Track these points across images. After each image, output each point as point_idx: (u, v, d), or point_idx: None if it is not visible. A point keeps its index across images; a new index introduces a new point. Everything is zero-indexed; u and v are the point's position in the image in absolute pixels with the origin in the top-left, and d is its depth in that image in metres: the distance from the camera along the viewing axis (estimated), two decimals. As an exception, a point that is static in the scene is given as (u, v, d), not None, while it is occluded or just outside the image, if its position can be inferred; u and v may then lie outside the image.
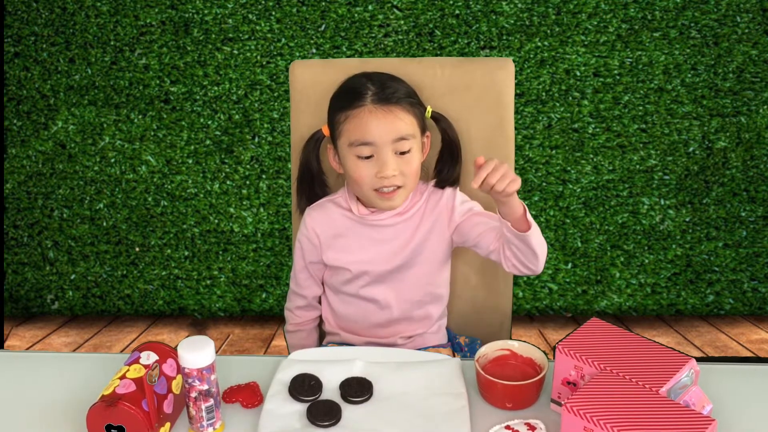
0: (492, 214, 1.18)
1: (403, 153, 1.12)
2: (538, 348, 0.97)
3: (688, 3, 2.29)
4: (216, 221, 2.47)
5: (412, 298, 1.24)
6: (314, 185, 1.26)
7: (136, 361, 0.88)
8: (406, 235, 1.21)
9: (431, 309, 1.26)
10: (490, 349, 1.00)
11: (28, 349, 2.37)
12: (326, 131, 1.20)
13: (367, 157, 1.12)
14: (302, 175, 1.26)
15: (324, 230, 1.23)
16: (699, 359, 0.90)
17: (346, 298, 1.26)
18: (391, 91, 1.12)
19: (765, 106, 2.35)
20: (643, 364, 0.85)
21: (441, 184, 1.23)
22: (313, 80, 1.28)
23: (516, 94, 2.31)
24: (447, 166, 1.23)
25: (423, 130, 1.18)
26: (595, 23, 2.31)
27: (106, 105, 2.41)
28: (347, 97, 1.14)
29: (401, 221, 1.21)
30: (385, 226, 1.21)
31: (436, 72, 1.27)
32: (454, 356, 1.25)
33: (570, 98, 2.35)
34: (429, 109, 1.19)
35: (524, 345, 0.99)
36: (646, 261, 2.45)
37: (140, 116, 2.41)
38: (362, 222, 1.21)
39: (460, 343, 1.32)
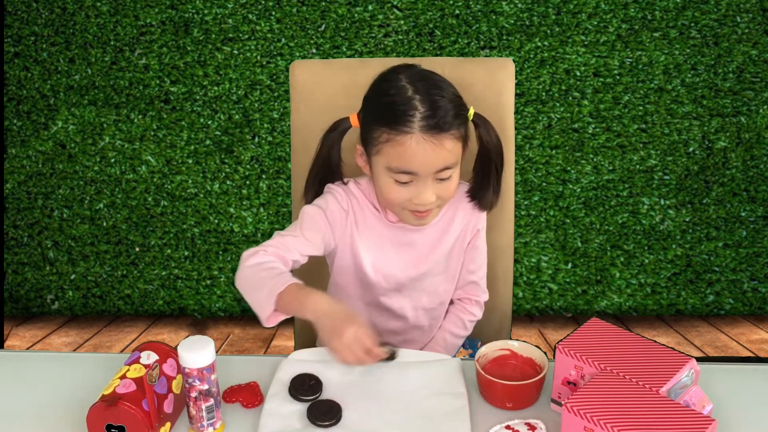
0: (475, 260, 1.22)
1: (442, 179, 1.04)
2: (538, 348, 0.97)
3: (688, 3, 2.29)
4: (216, 221, 2.47)
5: (426, 306, 1.21)
6: (328, 179, 1.15)
7: (137, 360, 0.88)
8: (431, 241, 1.16)
9: (443, 316, 1.25)
10: (490, 349, 1.00)
11: (28, 349, 2.37)
12: (355, 122, 1.09)
13: (405, 182, 1.03)
14: (319, 167, 1.14)
15: (347, 217, 1.13)
16: (699, 359, 0.90)
17: (360, 305, 1.20)
18: (442, 115, 1.00)
19: (765, 106, 2.35)
20: (643, 364, 0.85)
21: (476, 206, 1.15)
22: (313, 80, 1.28)
23: (516, 94, 2.31)
24: (482, 187, 1.13)
25: (466, 145, 1.07)
26: (595, 23, 2.31)
27: (106, 105, 2.41)
28: (392, 115, 1.00)
29: (428, 225, 1.15)
30: (411, 230, 1.15)
31: (436, 72, 1.26)
32: (459, 355, 1.25)
33: (570, 98, 2.35)
34: (471, 111, 1.07)
35: (524, 345, 0.99)
36: (646, 261, 2.45)
37: (140, 116, 2.41)
38: (387, 226, 1.14)
39: (460, 343, 1.31)
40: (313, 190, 1.16)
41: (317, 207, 1.11)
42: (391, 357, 0.97)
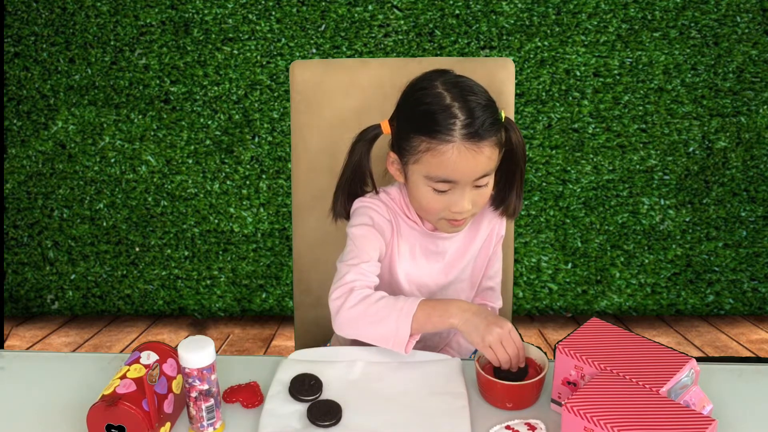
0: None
1: (479, 186, 1.04)
2: (539, 348, 0.97)
3: (688, 3, 2.29)
4: (216, 221, 2.47)
5: None
6: (358, 186, 1.13)
7: (137, 361, 0.88)
8: (460, 248, 1.16)
9: None
10: None
11: (28, 349, 2.37)
12: (387, 129, 1.08)
13: (443, 191, 1.03)
14: (349, 176, 1.12)
15: (392, 228, 1.11)
16: (699, 359, 0.90)
17: None
18: (481, 123, 0.98)
19: (765, 106, 2.35)
20: (643, 364, 0.85)
21: (501, 213, 1.15)
22: (313, 80, 1.28)
23: (516, 94, 2.31)
24: (507, 192, 1.12)
25: (501, 151, 1.05)
26: (595, 23, 2.31)
27: (106, 105, 2.41)
28: (433, 124, 0.99)
29: (458, 233, 1.15)
30: (443, 238, 1.14)
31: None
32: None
33: (570, 98, 2.35)
34: (502, 113, 1.04)
35: (524, 345, 0.99)
36: (646, 261, 2.45)
37: (140, 116, 2.41)
38: (423, 234, 1.14)
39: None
40: (343, 200, 1.14)
41: (365, 225, 1.09)
42: (526, 369, 0.96)
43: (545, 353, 0.97)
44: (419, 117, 1.01)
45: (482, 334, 0.93)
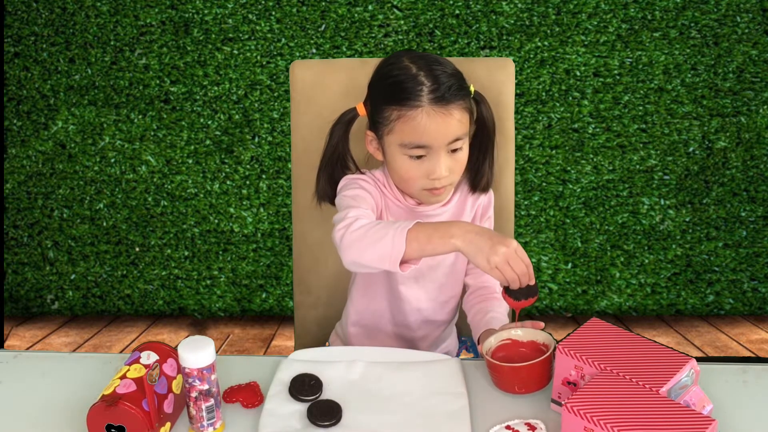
0: None
1: (454, 151, 1.07)
2: (542, 330, 0.98)
3: (688, 3, 2.29)
4: (216, 221, 2.47)
5: (439, 297, 1.21)
6: (338, 168, 1.17)
7: (137, 360, 0.88)
8: None
9: (453, 311, 1.25)
10: (495, 340, 1.00)
11: (28, 349, 2.37)
12: (362, 111, 1.12)
13: (419, 157, 1.06)
14: (329, 158, 1.16)
15: (380, 197, 1.14)
16: (699, 359, 0.90)
17: (381, 291, 1.19)
18: (447, 88, 1.03)
19: (765, 106, 2.35)
20: (643, 364, 0.85)
21: (473, 189, 1.17)
22: (313, 80, 1.28)
23: (516, 94, 2.31)
24: (480, 165, 1.15)
25: (472, 117, 1.10)
26: (595, 23, 2.31)
27: (106, 105, 2.41)
28: (400, 93, 1.04)
29: (445, 212, 1.17)
30: (430, 216, 1.16)
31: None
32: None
33: (570, 98, 2.35)
34: (471, 88, 1.09)
35: (527, 331, 0.99)
36: (646, 261, 2.46)
37: (140, 116, 2.41)
38: (408, 210, 1.16)
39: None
40: (324, 182, 1.18)
41: (356, 189, 1.11)
42: (536, 287, 0.95)
43: (550, 333, 0.98)
44: (388, 88, 1.06)
45: (487, 255, 0.90)
